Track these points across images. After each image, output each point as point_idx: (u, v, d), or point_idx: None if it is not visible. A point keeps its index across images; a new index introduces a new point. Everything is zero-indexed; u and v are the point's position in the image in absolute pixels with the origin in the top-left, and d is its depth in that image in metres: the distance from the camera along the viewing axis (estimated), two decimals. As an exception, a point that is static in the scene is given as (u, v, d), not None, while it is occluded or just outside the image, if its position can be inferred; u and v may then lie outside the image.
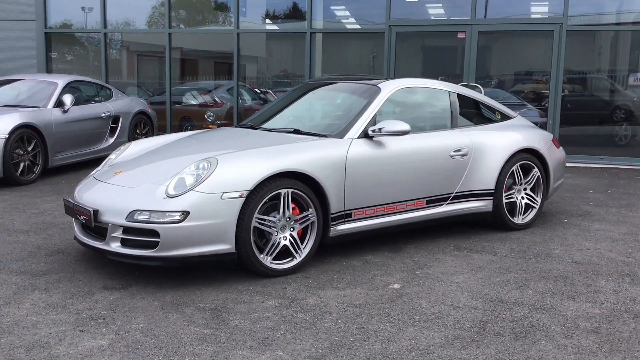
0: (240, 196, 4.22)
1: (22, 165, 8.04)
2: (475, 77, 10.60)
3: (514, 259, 4.98)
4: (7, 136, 7.74)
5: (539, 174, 5.92)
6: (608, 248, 5.30)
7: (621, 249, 5.27)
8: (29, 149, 8.15)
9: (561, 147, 6.43)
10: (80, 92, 9.66)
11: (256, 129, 5.47)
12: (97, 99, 9.92)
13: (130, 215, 4.17)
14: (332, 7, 11.94)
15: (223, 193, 4.17)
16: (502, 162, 5.62)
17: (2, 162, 7.69)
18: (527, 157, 5.82)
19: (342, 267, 4.74)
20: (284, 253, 4.53)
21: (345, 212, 4.78)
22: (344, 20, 12.13)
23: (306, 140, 4.84)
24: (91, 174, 5.11)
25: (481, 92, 10.37)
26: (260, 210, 4.33)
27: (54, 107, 8.77)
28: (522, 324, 3.67)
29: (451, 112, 5.65)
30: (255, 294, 4.12)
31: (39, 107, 8.65)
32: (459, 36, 10.65)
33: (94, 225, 4.35)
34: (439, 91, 5.69)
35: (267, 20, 12.83)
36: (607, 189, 8.17)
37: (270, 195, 4.35)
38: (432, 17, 11.31)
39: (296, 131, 5.15)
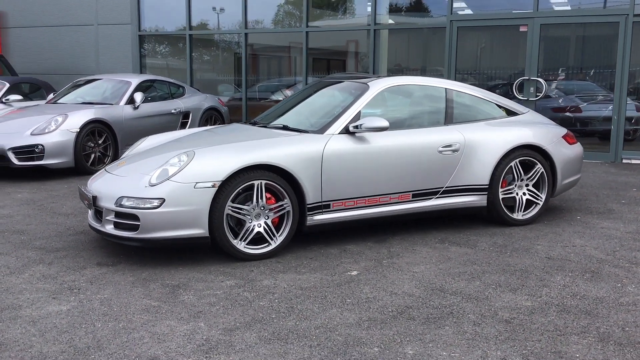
0: (213, 186, 4.67)
1: (92, 156, 8.99)
2: (538, 71, 10.41)
3: (488, 252, 5.09)
4: (78, 130, 8.70)
5: (542, 170, 5.91)
6: (596, 246, 5.26)
7: (608, 247, 5.21)
8: (100, 141, 9.08)
9: (577, 144, 6.36)
10: (154, 90, 10.56)
11: (255, 125, 5.91)
12: (169, 96, 10.77)
13: (118, 201, 4.75)
14: (398, 3, 12.12)
15: (197, 183, 4.65)
16: (497, 158, 5.69)
17: (73, 153, 8.65)
18: (529, 153, 5.85)
19: (317, 254, 5.08)
20: (263, 239, 4.95)
21: (323, 203, 5.11)
22: (407, 15, 12.25)
23: (287, 135, 5.21)
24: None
25: (543, 87, 10.23)
26: (234, 199, 4.77)
27: (125, 104, 9.68)
28: (442, 311, 3.87)
29: (446, 109, 5.80)
30: (220, 275, 4.57)
31: (112, 104, 9.59)
32: (520, 30, 10.50)
33: (95, 209, 4.99)
34: (435, 88, 5.86)
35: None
36: (655, 187, 7.87)
37: (244, 185, 4.78)
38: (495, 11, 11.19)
39: (285, 127, 5.54)
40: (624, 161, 10.03)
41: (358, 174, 5.21)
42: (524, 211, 5.94)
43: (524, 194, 5.93)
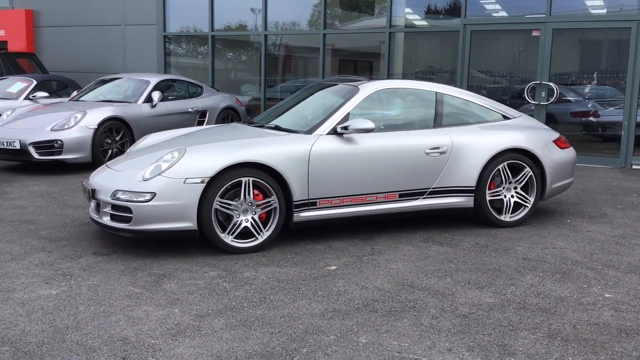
0: (202, 182, 4.94)
1: (110, 152, 9.36)
2: (549, 76, 10.46)
3: (468, 252, 5.25)
4: (96, 127, 9.08)
5: (531, 173, 6.04)
6: (575, 248, 5.38)
7: (587, 250, 5.33)
8: (117, 138, 9.45)
9: (570, 148, 6.46)
10: (173, 90, 10.93)
11: (251, 125, 6.17)
12: (187, 95, 11.11)
13: (114, 194, 5.05)
14: (413, 6, 12.27)
15: (186, 178, 4.92)
16: (484, 161, 5.84)
17: (91, 149, 9.03)
18: (517, 157, 5.98)
19: (303, 249, 5.30)
20: (251, 233, 5.19)
21: (310, 201, 5.33)
22: (423, 18, 12.38)
23: (277, 135, 5.45)
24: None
25: (555, 91, 10.28)
26: (223, 194, 5.02)
27: (143, 102, 10.05)
28: (406, 305, 4.06)
29: (436, 112, 5.97)
30: (205, 266, 4.83)
31: (130, 103, 9.97)
32: (533, 34, 10.56)
33: (94, 201, 5.31)
34: (425, 92, 6.03)
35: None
36: (657, 193, 7.90)
37: (232, 182, 5.03)
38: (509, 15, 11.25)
39: (276, 127, 5.78)
40: (634, 167, 10.02)
41: (345, 173, 5.41)
42: (511, 213, 6.07)
43: (512, 196, 6.06)
